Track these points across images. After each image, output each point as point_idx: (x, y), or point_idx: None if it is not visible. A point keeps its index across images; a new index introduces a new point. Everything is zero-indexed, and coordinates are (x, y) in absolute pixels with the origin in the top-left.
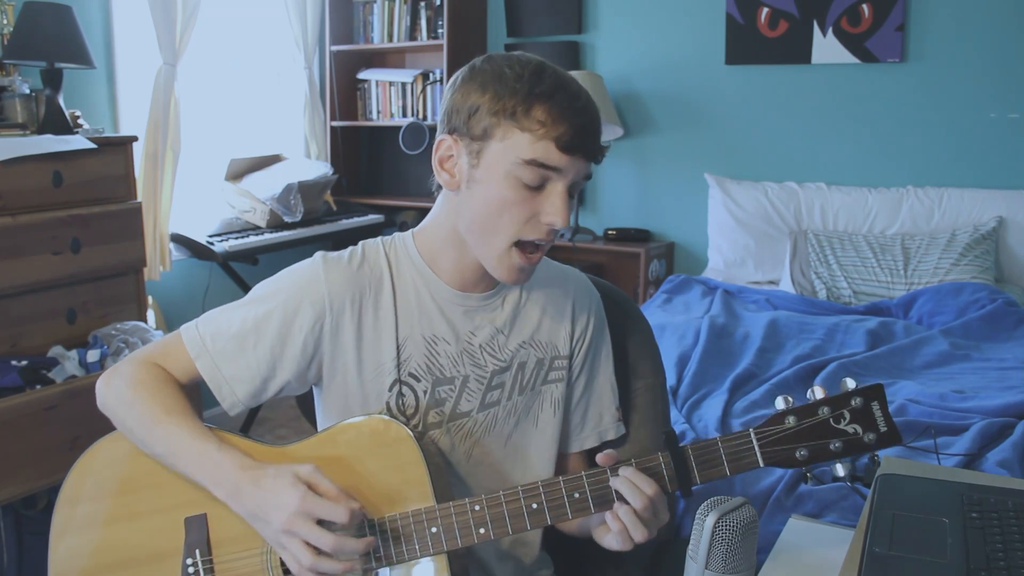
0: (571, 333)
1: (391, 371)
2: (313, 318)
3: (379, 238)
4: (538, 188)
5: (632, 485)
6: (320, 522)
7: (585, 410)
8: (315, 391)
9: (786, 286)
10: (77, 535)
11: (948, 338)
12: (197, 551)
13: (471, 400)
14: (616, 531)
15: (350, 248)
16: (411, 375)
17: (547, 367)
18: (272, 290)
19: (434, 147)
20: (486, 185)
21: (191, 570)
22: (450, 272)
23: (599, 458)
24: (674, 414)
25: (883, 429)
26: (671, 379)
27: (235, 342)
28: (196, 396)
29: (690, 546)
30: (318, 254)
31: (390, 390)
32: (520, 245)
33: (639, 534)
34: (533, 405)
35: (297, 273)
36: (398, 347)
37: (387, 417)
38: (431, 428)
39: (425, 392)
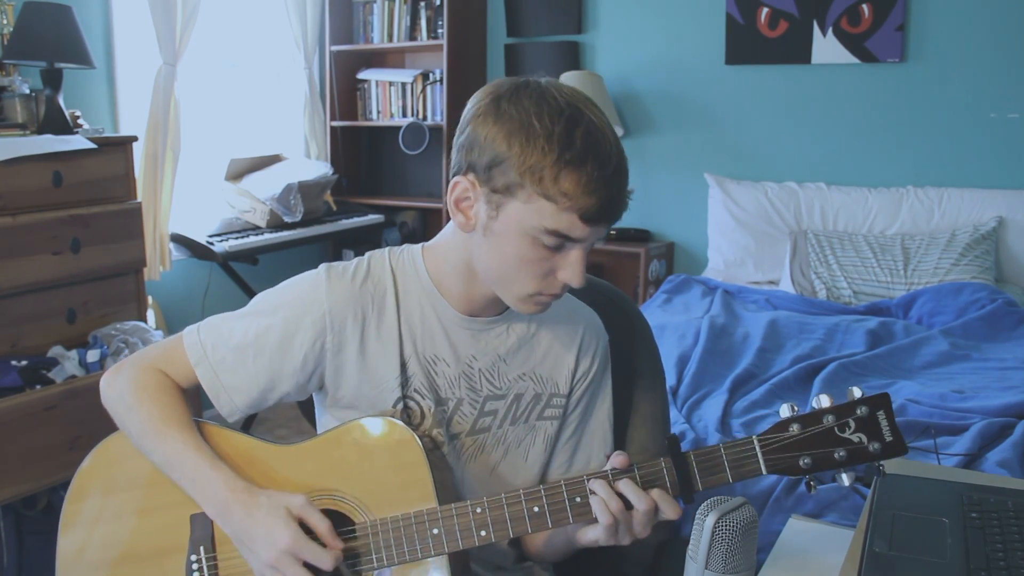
0: (573, 372)
1: (394, 389)
2: (314, 336)
3: (387, 250)
4: (557, 248)
5: (601, 502)
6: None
7: (573, 451)
8: (315, 396)
9: (786, 286)
10: (84, 530)
11: (948, 338)
12: (201, 548)
13: (462, 423)
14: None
15: (356, 260)
16: (416, 391)
17: (544, 403)
18: (275, 303)
19: (450, 186)
20: (504, 239)
21: (195, 567)
22: (458, 298)
23: (613, 459)
24: (674, 414)
25: (888, 439)
26: (671, 379)
27: (235, 353)
28: (196, 396)
29: (690, 546)
30: (322, 266)
31: (394, 406)
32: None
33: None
34: (525, 439)
35: (300, 287)
36: (402, 365)
37: (391, 418)
38: (439, 447)
39: (430, 410)
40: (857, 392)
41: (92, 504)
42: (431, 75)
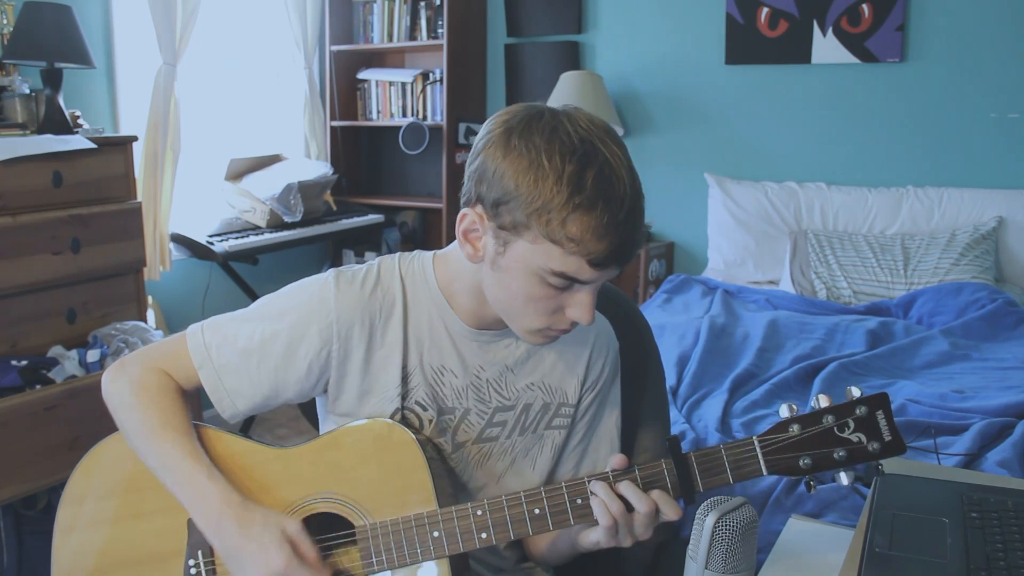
0: (582, 381)
1: (394, 399)
2: (320, 344)
3: (397, 256)
4: (564, 288)
5: (602, 503)
6: None
7: (580, 458)
8: (318, 398)
9: (786, 286)
10: (81, 533)
11: (948, 338)
12: (200, 552)
13: (468, 431)
14: (597, 511)
15: (366, 266)
16: (417, 403)
17: (553, 412)
18: (281, 308)
19: (458, 217)
20: (511, 275)
21: (193, 571)
22: (467, 312)
23: (613, 460)
24: (674, 414)
25: (887, 438)
26: (671, 379)
27: (239, 358)
28: (196, 397)
29: (690, 546)
30: (332, 272)
31: (391, 417)
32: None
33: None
34: (533, 448)
35: (308, 292)
36: (403, 377)
37: (391, 421)
38: (442, 454)
39: (431, 421)
40: (856, 392)
41: (88, 507)
42: (431, 75)
